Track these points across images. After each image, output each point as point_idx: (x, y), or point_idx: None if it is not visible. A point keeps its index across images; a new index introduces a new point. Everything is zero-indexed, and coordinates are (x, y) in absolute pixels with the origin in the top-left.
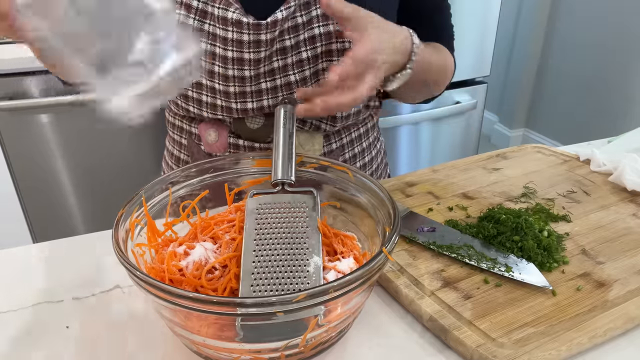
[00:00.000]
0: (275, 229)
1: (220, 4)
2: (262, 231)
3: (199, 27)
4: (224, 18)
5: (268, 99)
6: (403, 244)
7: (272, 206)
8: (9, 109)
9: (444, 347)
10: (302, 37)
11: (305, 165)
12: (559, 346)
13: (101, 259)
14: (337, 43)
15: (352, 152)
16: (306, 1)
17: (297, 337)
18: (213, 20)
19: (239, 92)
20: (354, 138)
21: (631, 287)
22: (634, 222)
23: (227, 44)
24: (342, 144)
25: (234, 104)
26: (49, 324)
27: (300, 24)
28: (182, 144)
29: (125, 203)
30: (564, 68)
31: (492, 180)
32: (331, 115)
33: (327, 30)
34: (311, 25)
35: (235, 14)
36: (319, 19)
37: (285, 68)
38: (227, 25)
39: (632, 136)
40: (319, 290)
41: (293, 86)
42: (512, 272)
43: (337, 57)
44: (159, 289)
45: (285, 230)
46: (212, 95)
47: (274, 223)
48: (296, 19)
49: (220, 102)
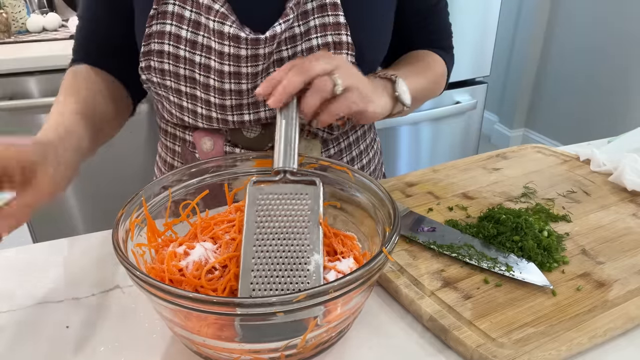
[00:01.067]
0: (276, 222)
1: (215, 17)
2: (262, 224)
3: (192, 39)
4: (220, 32)
5: (265, 110)
6: (403, 244)
7: (273, 197)
8: (9, 109)
9: (444, 347)
10: (300, 48)
11: (305, 166)
12: (559, 346)
13: (101, 259)
14: (335, 54)
15: (350, 156)
16: (304, 11)
17: (297, 337)
18: (208, 33)
19: (235, 105)
20: (352, 141)
21: (631, 287)
22: (634, 222)
23: (223, 58)
24: (340, 148)
25: (230, 116)
26: (49, 324)
27: (297, 34)
28: (175, 151)
29: (125, 203)
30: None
31: (492, 180)
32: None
33: (325, 41)
34: (309, 36)
35: (232, 29)
36: (317, 30)
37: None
38: (223, 39)
39: (632, 136)
40: (319, 290)
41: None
42: (512, 271)
43: None
44: (159, 289)
45: (287, 225)
46: (207, 107)
47: (275, 216)
48: (294, 29)
49: (216, 114)
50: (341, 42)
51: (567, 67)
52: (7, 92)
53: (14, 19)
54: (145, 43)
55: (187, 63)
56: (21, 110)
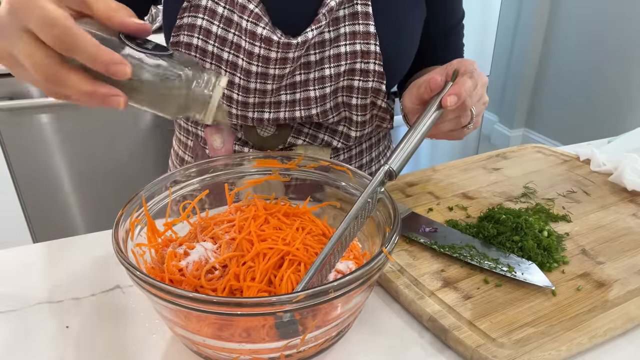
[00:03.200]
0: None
1: (250, 17)
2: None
3: (223, 36)
4: (252, 32)
5: (285, 111)
6: (403, 244)
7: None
8: (9, 109)
9: (444, 347)
10: (328, 53)
11: (306, 166)
12: (559, 346)
13: (101, 259)
14: (362, 63)
15: (360, 163)
16: (335, 17)
17: (297, 337)
18: (239, 32)
19: (257, 103)
20: (364, 149)
21: (631, 287)
22: (634, 222)
23: (252, 58)
24: (351, 155)
25: (250, 113)
26: (49, 324)
27: (327, 40)
28: (187, 145)
29: (125, 203)
30: (564, 68)
31: (492, 180)
32: (345, 134)
33: (354, 49)
34: (338, 43)
35: (266, 31)
36: (347, 37)
37: (306, 83)
38: (255, 40)
39: (632, 136)
40: (319, 290)
41: (311, 102)
42: (514, 272)
43: (359, 77)
44: (159, 289)
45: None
46: (228, 103)
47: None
48: (323, 35)
49: (236, 111)
50: (369, 52)
51: (567, 67)
52: (7, 92)
53: None
54: (174, 34)
55: (214, 59)
56: (21, 110)
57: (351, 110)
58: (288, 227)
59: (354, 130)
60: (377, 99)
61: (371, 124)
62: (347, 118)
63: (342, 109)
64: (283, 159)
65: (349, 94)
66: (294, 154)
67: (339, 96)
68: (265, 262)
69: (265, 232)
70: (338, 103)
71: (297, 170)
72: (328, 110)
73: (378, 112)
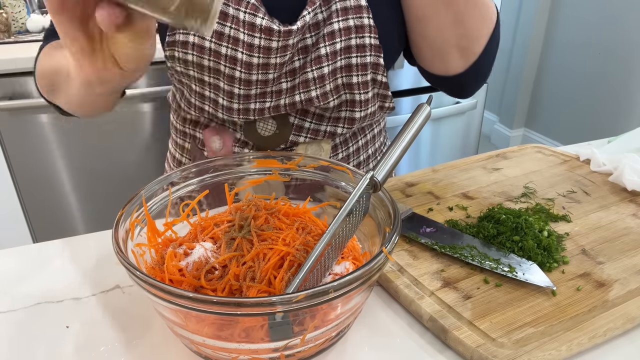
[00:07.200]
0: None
1: (247, 9)
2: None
3: (219, 30)
4: (251, 24)
5: (285, 97)
6: (403, 244)
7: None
8: (9, 109)
9: (444, 347)
10: (322, 33)
11: (306, 166)
12: (559, 346)
13: (101, 259)
14: (357, 38)
15: (358, 160)
16: None
17: (297, 337)
18: (236, 24)
19: (259, 93)
20: (361, 146)
21: (631, 287)
22: (634, 222)
23: (252, 50)
24: (349, 153)
25: (252, 104)
26: (49, 324)
27: (320, 20)
28: (184, 148)
29: (125, 203)
30: (564, 68)
31: (492, 180)
32: (349, 118)
33: (347, 25)
34: (330, 21)
35: (265, 21)
36: (339, 14)
37: (304, 66)
38: (254, 31)
39: (632, 136)
40: (319, 290)
41: (310, 83)
42: (515, 272)
43: (355, 53)
44: (159, 289)
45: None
46: (228, 99)
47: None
48: (317, 16)
49: (238, 105)
50: (363, 25)
51: (567, 67)
52: (7, 92)
53: (14, 19)
54: (170, 33)
55: (212, 54)
56: (21, 110)
57: (352, 90)
58: (288, 227)
59: (357, 110)
60: (376, 74)
61: (374, 102)
62: (349, 101)
63: (342, 91)
64: (283, 159)
65: (349, 73)
66: (294, 154)
67: (339, 77)
68: (265, 262)
69: (265, 232)
70: (338, 85)
71: (297, 170)
72: (328, 93)
73: (379, 89)
